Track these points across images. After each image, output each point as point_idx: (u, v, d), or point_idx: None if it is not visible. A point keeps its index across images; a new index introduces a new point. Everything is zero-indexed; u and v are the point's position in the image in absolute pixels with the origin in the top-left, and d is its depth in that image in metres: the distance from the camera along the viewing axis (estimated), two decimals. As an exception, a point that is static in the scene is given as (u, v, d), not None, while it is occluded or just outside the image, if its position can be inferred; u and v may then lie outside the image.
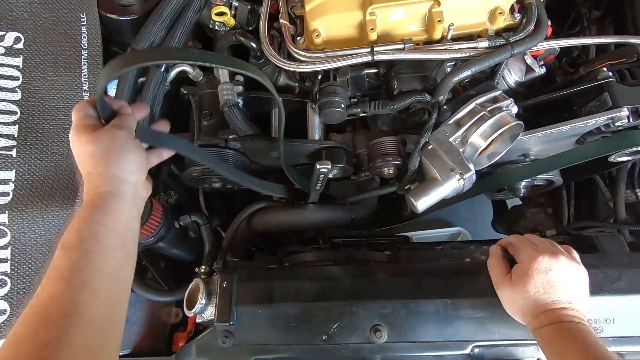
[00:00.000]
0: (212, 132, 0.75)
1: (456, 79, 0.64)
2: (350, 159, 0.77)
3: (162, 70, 0.74)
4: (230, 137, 0.73)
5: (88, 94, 0.78)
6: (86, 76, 0.78)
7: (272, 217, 0.77)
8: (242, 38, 0.73)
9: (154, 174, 0.84)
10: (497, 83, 0.75)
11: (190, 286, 0.67)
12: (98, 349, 0.39)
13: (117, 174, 0.49)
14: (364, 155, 0.79)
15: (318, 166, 0.61)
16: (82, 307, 0.39)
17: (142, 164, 0.53)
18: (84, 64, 0.78)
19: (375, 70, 0.74)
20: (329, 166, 0.61)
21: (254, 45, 0.74)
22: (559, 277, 0.52)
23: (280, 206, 0.78)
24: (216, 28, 0.83)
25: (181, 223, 0.76)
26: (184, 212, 0.77)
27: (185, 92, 0.80)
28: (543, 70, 0.76)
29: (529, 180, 0.89)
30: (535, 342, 0.57)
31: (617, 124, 0.67)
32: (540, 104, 0.77)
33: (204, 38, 0.91)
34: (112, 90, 0.79)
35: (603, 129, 0.71)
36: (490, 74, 0.74)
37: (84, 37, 0.77)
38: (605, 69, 0.71)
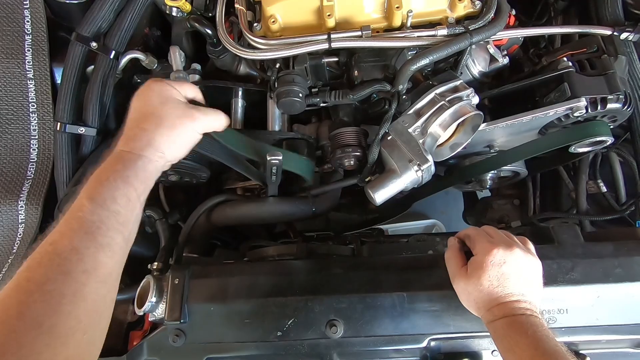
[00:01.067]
0: (167, 123, 0.72)
1: (414, 67, 0.63)
2: (312, 150, 0.75)
3: (112, 57, 0.70)
4: (186, 128, 0.70)
5: (33, 82, 0.74)
6: (30, 63, 0.73)
7: (231, 211, 0.74)
8: (196, 24, 0.70)
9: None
10: (461, 73, 0.74)
11: (141, 284, 0.64)
12: (106, 308, 0.40)
13: (166, 149, 0.48)
14: (328, 147, 0.77)
15: (268, 158, 0.58)
16: (100, 266, 0.38)
17: (185, 153, 0.53)
18: (28, 50, 0.73)
19: (336, 59, 0.72)
20: (280, 157, 0.59)
21: (209, 32, 0.71)
22: (513, 270, 0.51)
23: (239, 199, 0.76)
24: (173, 14, 0.79)
25: (135, 218, 0.73)
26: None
27: (139, 80, 0.76)
28: (506, 61, 0.75)
29: (495, 172, 0.89)
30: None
31: (575, 114, 0.67)
32: (504, 94, 0.76)
33: (165, 26, 0.87)
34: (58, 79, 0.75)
35: (563, 120, 0.70)
36: (454, 63, 0.73)
37: (27, 21, 0.73)
38: (565, 59, 0.70)
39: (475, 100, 0.67)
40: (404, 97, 0.66)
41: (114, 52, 0.70)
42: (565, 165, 0.89)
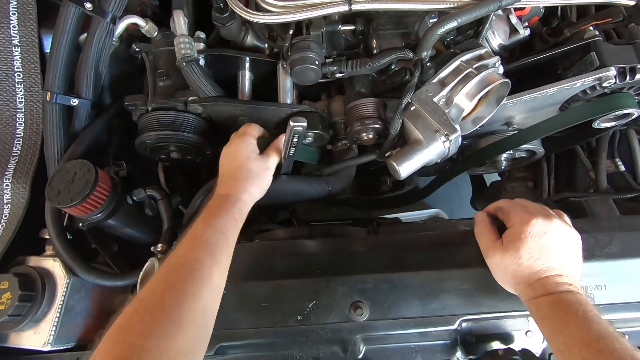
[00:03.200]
0: (169, 94, 0.66)
1: (441, 30, 0.58)
2: (325, 125, 0.70)
3: (109, 20, 0.64)
4: (190, 98, 0.65)
5: (19, 49, 0.67)
6: (15, 28, 0.66)
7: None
8: (202, -15, 0.64)
9: (104, 144, 0.75)
10: (482, 45, 0.70)
11: (144, 267, 0.58)
12: (211, 315, 0.46)
13: (255, 191, 0.59)
14: (341, 123, 0.72)
15: (292, 123, 0.53)
16: (212, 277, 0.47)
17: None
18: (13, 14, 0.66)
19: (352, 27, 0.67)
20: (305, 124, 0.54)
21: (217, -6, 0.65)
22: (553, 242, 0.48)
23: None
24: (173, -21, 0.73)
25: (135, 198, 0.67)
26: (138, 186, 0.68)
27: (137, 49, 0.70)
28: (528, 32, 0.72)
29: (511, 152, 0.86)
30: (525, 313, 0.53)
31: (604, 84, 0.64)
32: (522, 68, 0.73)
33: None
34: (47, 48, 0.69)
35: (589, 92, 0.67)
36: (474, 34, 0.69)
37: (12, -19, 0.66)
38: (591, 28, 0.67)
39: (501, 69, 0.63)
40: (428, 64, 0.62)
41: (110, 15, 0.64)
42: (582, 145, 0.86)
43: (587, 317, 0.42)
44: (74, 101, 0.65)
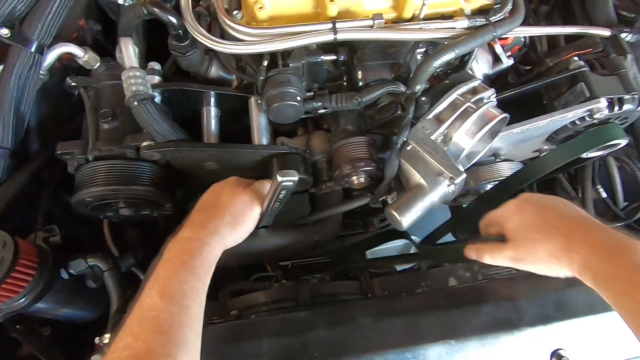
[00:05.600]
0: (117, 139, 0.54)
1: (438, 62, 0.53)
2: (308, 166, 0.61)
3: (33, 50, 0.51)
4: (144, 144, 0.52)
5: None
6: None
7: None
8: (155, 9, 0.53)
9: (31, 202, 0.59)
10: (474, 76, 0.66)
11: (86, 369, 0.44)
12: None
13: (229, 237, 0.49)
14: (323, 163, 0.64)
15: (280, 178, 0.44)
16: None
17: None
18: None
19: (334, 57, 0.60)
20: (295, 178, 0.45)
21: (173, 20, 0.54)
22: (546, 201, 0.46)
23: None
24: (119, 1, 0.62)
25: (72, 271, 0.52)
26: (77, 254, 0.54)
27: (73, 84, 0.57)
28: (511, 61, 0.70)
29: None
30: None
31: (596, 115, 0.62)
32: (507, 100, 0.70)
33: (108, 23, 0.69)
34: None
35: (578, 123, 0.65)
36: (460, 64, 0.65)
37: None
38: (576, 58, 0.66)
39: (495, 102, 0.59)
40: (422, 99, 0.56)
41: (36, 44, 0.51)
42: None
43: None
44: (-15, 151, 0.50)
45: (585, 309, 0.48)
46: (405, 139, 0.54)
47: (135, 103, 0.49)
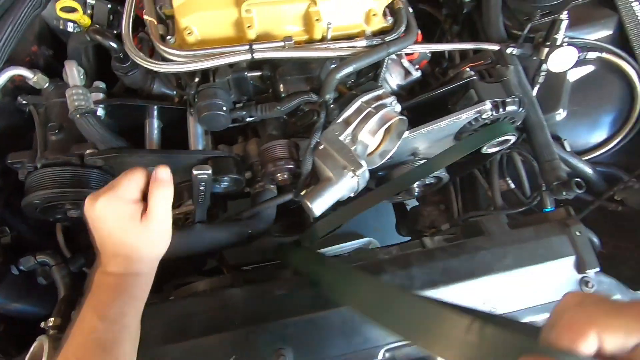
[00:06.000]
0: (64, 148, 0.61)
1: (340, 75, 0.63)
2: (240, 168, 0.70)
3: (-16, 72, 0.59)
4: (88, 151, 0.60)
5: None
6: None
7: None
8: (97, 36, 0.62)
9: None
10: (381, 86, 0.77)
11: (31, 348, 0.50)
12: None
13: (147, 256, 0.49)
14: (258, 165, 0.73)
15: (194, 172, 0.52)
16: None
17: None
18: None
19: (260, 73, 0.70)
20: (209, 171, 0.53)
21: (114, 45, 0.63)
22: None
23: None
24: (68, 29, 0.70)
25: (22, 267, 0.58)
26: (27, 253, 0.60)
27: (24, 102, 0.64)
28: (419, 74, 0.81)
29: (421, 180, 0.93)
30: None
31: (483, 116, 0.74)
32: (419, 104, 0.81)
33: (60, 47, 0.77)
34: None
35: (473, 123, 0.77)
36: (374, 77, 0.76)
37: None
38: (468, 69, 0.78)
39: (398, 107, 0.69)
40: (331, 106, 0.66)
41: (-13, 67, 0.58)
42: (478, 169, 0.97)
43: None
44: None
45: (465, 274, 0.58)
46: (318, 140, 0.64)
47: (78, 116, 0.57)
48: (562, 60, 0.79)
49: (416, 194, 0.98)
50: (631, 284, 0.67)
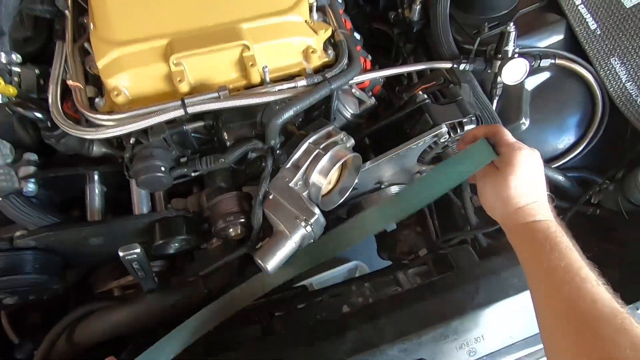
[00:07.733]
0: (-9, 233, 0.57)
1: (281, 120, 0.60)
2: (192, 226, 0.65)
3: None
4: (17, 234, 0.56)
5: None
6: None
7: (99, 324, 0.59)
8: (19, 109, 0.59)
9: None
10: (334, 118, 0.74)
11: None
12: None
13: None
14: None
15: (121, 254, 0.48)
16: None
17: None
18: None
19: (202, 123, 0.66)
20: (137, 250, 0.49)
21: (39, 115, 0.60)
22: (537, 170, 0.51)
23: (106, 306, 0.61)
24: (-7, 101, 0.66)
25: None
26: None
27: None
28: (373, 101, 0.79)
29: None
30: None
31: (441, 140, 0.71)
32: (380, 131, 0.79)
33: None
34: None
35: (433, 147, 0.74)
36: (326, 111, 0.73)
37: None
38: (421, 92, 0.75)
39: (351, 142, 0.66)
40: (278, 152, 0.63)
41: None
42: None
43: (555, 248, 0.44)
44: None
45: (437, 318, 0.54)
46: (267, 189, 0.60)
47: (1, 199, 0.53)
48: (514, 72, 0.77)
49: (390, 220, 0.95)
50: (620, 290, 0.64)
